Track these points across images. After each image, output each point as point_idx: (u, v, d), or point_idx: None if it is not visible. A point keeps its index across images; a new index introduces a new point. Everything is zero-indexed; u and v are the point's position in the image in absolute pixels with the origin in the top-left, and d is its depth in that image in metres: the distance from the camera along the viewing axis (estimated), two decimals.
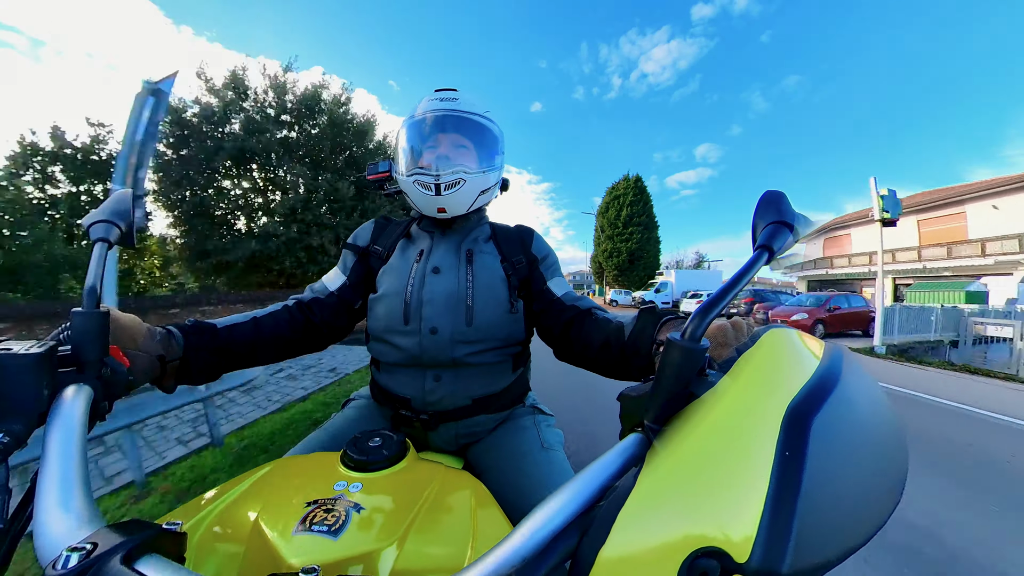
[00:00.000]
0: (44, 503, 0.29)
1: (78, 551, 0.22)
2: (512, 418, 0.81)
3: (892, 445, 0.23)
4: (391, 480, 0.48)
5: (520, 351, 0.81)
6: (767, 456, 0.20)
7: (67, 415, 0.35)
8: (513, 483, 0.66)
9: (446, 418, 0.74)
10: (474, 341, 0.73)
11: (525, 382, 0.88)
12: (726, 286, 0.31)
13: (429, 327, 0.72)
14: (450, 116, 0.77)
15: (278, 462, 0.54)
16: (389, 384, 0.77)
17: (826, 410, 0.21)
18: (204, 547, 0.38)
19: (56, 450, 0.32)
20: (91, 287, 0.42)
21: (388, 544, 0.37)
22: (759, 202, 0.36)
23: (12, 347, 0.36)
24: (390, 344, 0.75)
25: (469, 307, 0.73)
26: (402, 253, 0.81)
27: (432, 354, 0.72)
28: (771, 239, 0.34)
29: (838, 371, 0.24)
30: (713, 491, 0.21)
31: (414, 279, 0.75)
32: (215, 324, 0.64)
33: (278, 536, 0.37)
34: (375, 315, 0.76)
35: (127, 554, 0.23)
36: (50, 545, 0.26)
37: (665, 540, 0.21)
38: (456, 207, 0.77)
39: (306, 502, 0.41)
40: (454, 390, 0.73)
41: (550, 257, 0.85)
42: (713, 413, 0.26)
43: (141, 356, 0.50)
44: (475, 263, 0.77)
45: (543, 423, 0.81)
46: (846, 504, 0.19)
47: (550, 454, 0.72)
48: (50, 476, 0.30)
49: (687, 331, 0.29)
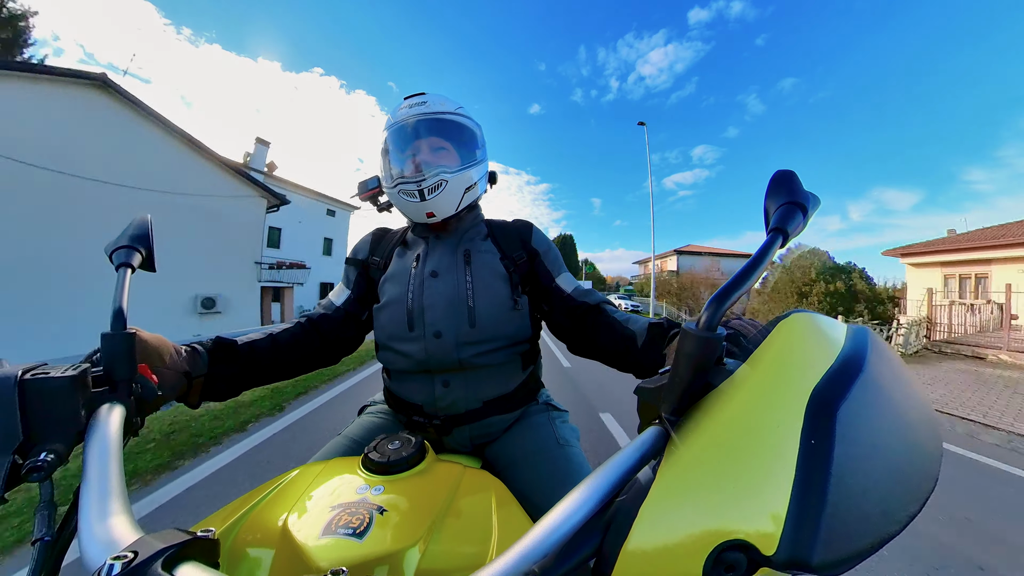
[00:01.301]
0: (86, 516, 0.30)
1: (120, 559, 0.23)
2: (526, 416, 0.81)
3: (923, 430, 0.22)
4: (412, 482, 0.48)
5: (528, 348, 0.81)
6: (792, 444, 0.19)
7: (103, 432, 0.37)
8: (531, 481, 0.66)
9: (459, 421, 0.74)
10: (479, 342, 0.72)
11: (537, 379, 0.87)
12: (742, 271, 0.30)
13: (433, 332, 0.72)
14: (422, 120, 0.77)
15: (301, 469, 0.56)
16: (400, 391, 0.78)
17: (852, 395, 0.20)
18: (236, 552, 0.39)
19: (95, 465, 0.34)
20: (117, 310, 0.44)
21: (412, 544, 0.37)
22: (771, 182, 0.35)
23: (50, 371, 0.38)
24: (397, 352, 0.75)
25: (471, 308, 0.72)
26: (400, 260, 0.81)
27: (438, 358, 0.72)
28: (784, 221, 0.33)
29: (864, 354, 0.23)
30: (737, 482, 0.20)
31: (413, 285, 0.75)
32: (235, 341, 0.66)
33: (305, 540, 0.38)
34: (380, 324, 0.77)
35: (166, 561, 0.24)
36: (94, 555, 0.27)
37: (689, 533, 0.20)
38: (444, 209, 0.77)
39: (331, 506, 0.42)
40: (464, 394, 0.74)
41: (551, 251, 0.84)
42: (733, 402, 0.25)
43: (168, 373, 0.52)
44: (473, 263, 0.77)
45: (558, 419, 0.81)
46: (876, 492, 0.18)
47: (567, 450, 0.72)
48: (91, 490, 0.32)
49: (702, 320, 0.28)
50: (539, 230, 0.86)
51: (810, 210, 0.34)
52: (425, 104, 0.78)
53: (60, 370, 0.39)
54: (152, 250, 0.51)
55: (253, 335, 0.71)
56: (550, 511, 0.25)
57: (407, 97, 0.82)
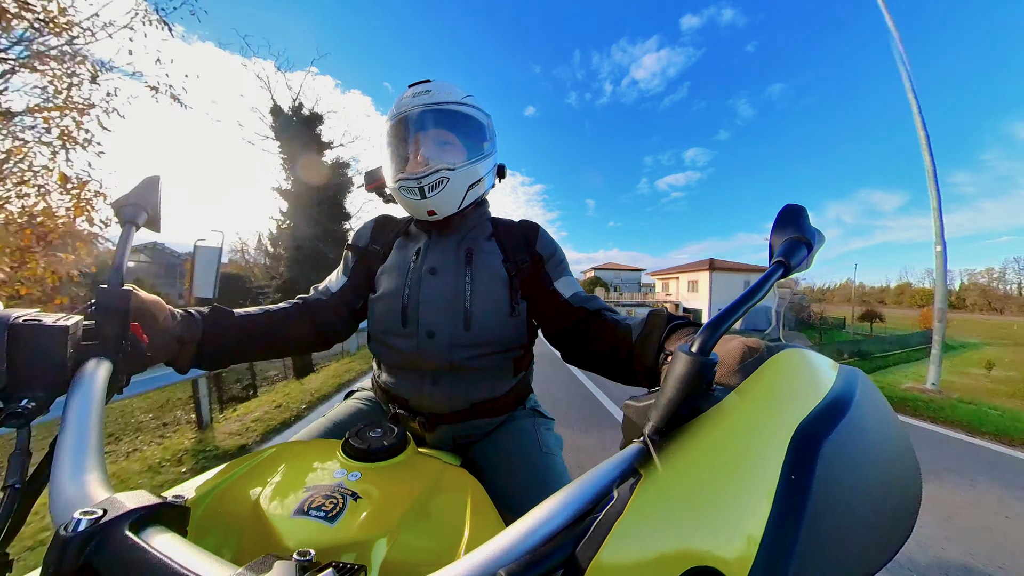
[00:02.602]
0: (59, 468, 0.30)
1: (88, 516, 0.23)
2: (512, 420, 0.80)
3: (904, 475, 0.22)
4: (390, 472, 0.48)
5: (522, 355, 0.79)
6: (771, 477, 0.19)
7: (87, 386, 0.37)
8: (510, 485, 0.66)
9: (444, 420, 0.74)
10: (472, 345, 0.70)
11: (527, 385, 0.86)
12: (739, 300, 0.30)
13: (426, 330, 0.70)
14: (426, 111, 0.72)
15: (281, 446, 0.56)
16: (388, 383, 0.77)
17: (837, 434, 0.20)
18: (205, 523, 0.39)
19: (74, 419, 0.34)
20: (117, 266, 0.44)
21: (382, 534, 0.37)
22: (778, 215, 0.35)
23: (41, 318, 0.38)
24: (388, 346, 0.74)
25: (467, 310, 0.70)
26: (399, 252, 0.79)
27: (429, 357, 0.70)
28: (788, 254, 0.33)
29: (852, 394, 0.23)
30: (713, 508, 0.20)
31: (411, 280, 0.73)
32: (232, 312, 0.66)
33: (276, 518, 0.38)
34: (374, 316, 0.76)
35: (133, 523, 0.24)
36: (63, 508, 0.27)
37: (660, 553, 0.20)
38: (445, 207, 0.73)
39: (305, 487, 0.42)
40: (452, 394, 0.72)
41: (557, 255, 0.80)
42: (718, 429, 0.25)
43: (161, 335, 0.52)
44: (475, 263, 0.74)
45: (543, 426, 0.80)
46: (852, 533, 0.18)
47: (549, 458, 0.71)
48: (67, 443, 0.32)
49: (696, 344, 0.28)
50: (546, 232, 0.83)
51: (815, 246, 0.34)
52: (429, 93, 0.73)
53: (52, 318, 0.39)
54: (159, 211, 0.51)
55: (249, 309, 0.70)
56: (524, 517, 0.25)
57: (411, 85, 0.77)
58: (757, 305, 0.31)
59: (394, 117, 0.75)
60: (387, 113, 0.78)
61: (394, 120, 0.75)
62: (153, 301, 0.52)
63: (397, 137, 0.75)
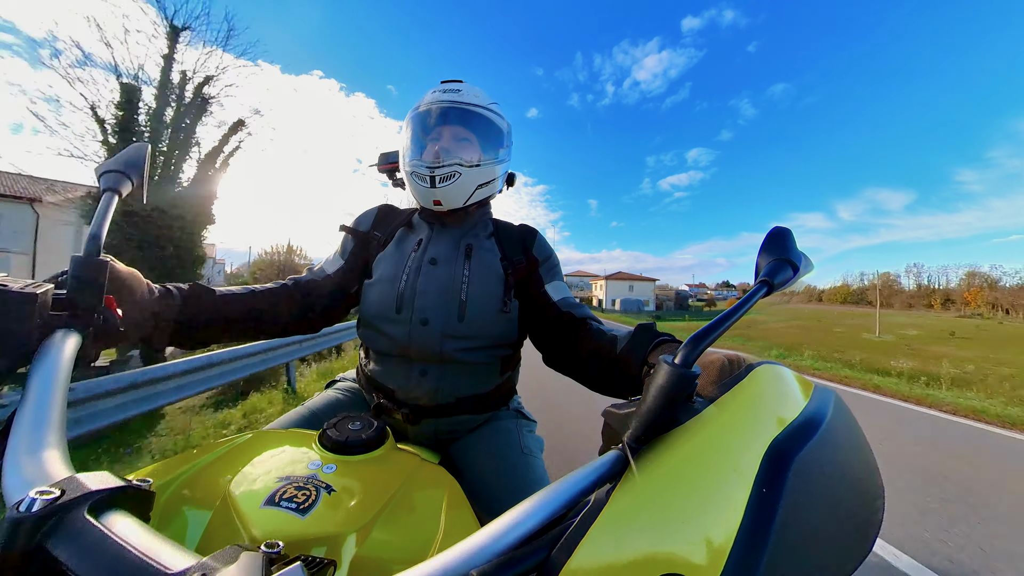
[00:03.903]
0: (16, 443, 0.28)
1: (45, 496, 0.22)
2: (494, 419, 0.81)
3: (868, 493, 0.23)
4: (366, 466, 0.47)
5: (511, 354, 0.80)
6: (744, 488, 0.20)
7: (53, 358, 0.35)
8: (489, 484, 0.66)
9: (428, 414, 0.74)
10: (464, 337, 0.71)
11: (512, 386, 0.87)
12: (723, 316, 0.31)
13: (420, 318, 0.71)
14: (453, 108, 0.76)
15: (256, 433, 0.54)
16: (375, 373, 0.77)
17: (809, 451, 0.21)
18: (171, 508, 0.37)
19: (36, 391, 0.32)
20: (94, 235, 0.42)
21: (354, 529, 0.37)
22: (766, 237, 0.37)
23: (8, 284, 0.36)
24: (379, 331, 0.74)
25: (463, 302, 0.72)
26: (401, 241, 0.80)
27: (420, 346, 0.71)
28: (773, 274, 0.34)
29: (825, 413, 0.24)
30: (685, 517, 0.21)
31: (410, 268, 0.74)
32: (214, 290, 0.64)
33: (246, 507, 0.37)
34: (367, 301, 0.76)
35: (93, 505, 0.23)
36: (17, 486, 0.26)
37: (633, 559, 0.21)
38: (452, 200, 0.76)
39: (278, 477, 0.41)
40: (439, 387, 0.73)
41: (552, 259, 0.83)
42: (695, 440, 0.26)
43: (136, 311, 0.50)
44: (473, 258, 0.76)
45: (525, 428, 0.81)
46: (818, 546, 0.19)
47: (529, 459, 0.72)
48: (26, 417, 0.30)
49: (678, 356, 0.29)
50: (543, 238, 0.86)
51: (802, 270, 0.35)
52: (459, 92, 0.78)
53: (20, 284, 0.37)
54: (144, 180, 0.49)
55: (232, 287, 0.69)
56: (499, 517, 0.25)
57: (443, 82, 0.82)
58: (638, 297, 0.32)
59: (421, 107, 0.78)
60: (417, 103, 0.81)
61: (422, 110, 0.78)
62: (130, 274, 0.50)
63: (420, 126, 0.78)
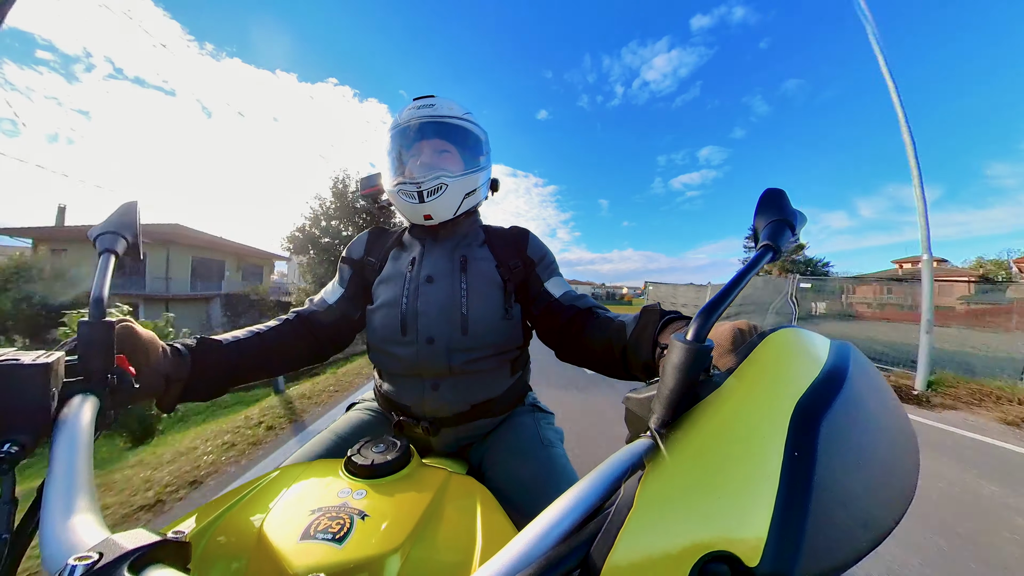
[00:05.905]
0: (50, 513, 0.29)
1: (83, 561, 0.22)
2: (512, 417, 0.81)
3: (902, 444, 0.22)
4: (395, 487, 0.47)
5: (518, 355, 0.81)
6: (776, 456, 0.19)
7: (73, 424, 0.36)
8: (515, 482, 0.66)
9: (446, 424, 0.75)
10: (470, 349, 0.72)
11: (524, 383, 0.87)
12: (729, 285, 0.31)
13: (425, 337, 0.72)
14: (430, 122, 0.78)
15: (282, 470, 0.54)
16: (390, 392, 0.78)
17: (835, 408, 0.21)
18: (209, 557, 0.38)
19: (62, 460, 0.32)
20: (97, 298, 0.43)
21: (393, 551, 0.37)
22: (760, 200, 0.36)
23: (20, 358, 0.37)
24: (388, 354, 0.75)
25: (464, 316, 0.72)
26: (395, 262, 0.81)
27: (429, 363, 0.72)
28: (774, 237, 0.34)
29: (845, 368, 0.23)
30: (721, 494, 0.20)
31: (408, 289, 0.75)
32: (220, 341, 0.65)
33: (282, 544, 0.37)
34: (373, 326, 0.77)
35: (132, 564, 0.23)
36: (56, 555, 0.26)
37: (674, 545, 0.20)
38: (442, 212, 0.77)
39: (310, 510, 0.41)
40: (452, 397, 0.73)
41: (547, 258, 0.84)
42: (719, 415, 0.25)
43: (148, 371, 0.51)
44: (469, 270, 0.77)
45: (543, 420, 0.81)
46: (857, 506, 0.19)
47: (550, 451, 0.72)
48: (56, 486, 0.30)
49: (690, 332, 0.28)
50: (536, 237, 0.86)
51: (798, 227, 0.35)
52: (433, 107, 0.79)
53: (31, 357, 0.37)
54: (139, 237, 0.50)
55: (237, 333, 0.69)
56: (534, 520, 0.25)
57: (416, 99, 0.82)
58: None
59: (398, 126, 0.79)
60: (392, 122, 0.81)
61: (397, 129, 0.79)
62: (150, 337, 0.52)
63: (400, 144, 0.80)
